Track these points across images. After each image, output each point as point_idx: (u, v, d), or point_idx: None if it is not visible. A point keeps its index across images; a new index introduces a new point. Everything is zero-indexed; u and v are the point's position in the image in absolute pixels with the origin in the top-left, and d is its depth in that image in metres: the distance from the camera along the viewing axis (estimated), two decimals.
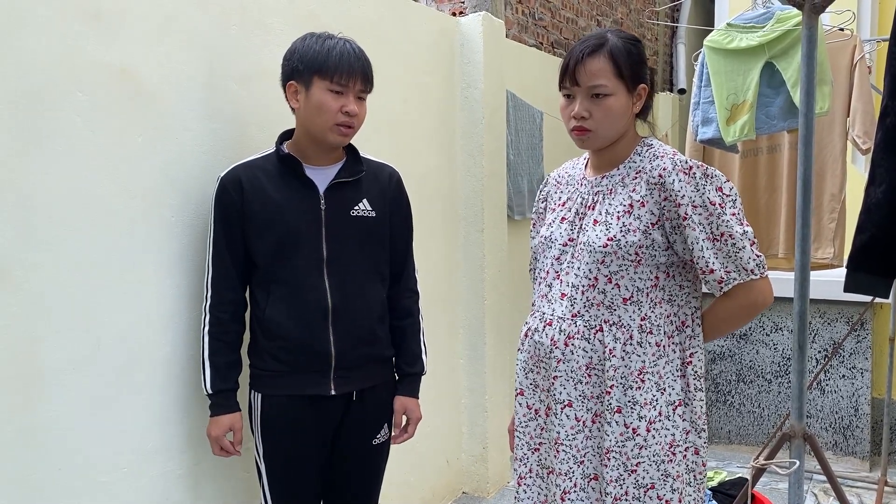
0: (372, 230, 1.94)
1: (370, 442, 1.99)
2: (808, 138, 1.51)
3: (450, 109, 3.27)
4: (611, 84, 1.61)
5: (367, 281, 1.94)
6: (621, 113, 1.63)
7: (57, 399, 1.64)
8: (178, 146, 1.91)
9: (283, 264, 1.85)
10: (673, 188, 1.59)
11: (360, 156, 1.97)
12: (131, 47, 1.79)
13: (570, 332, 1.67)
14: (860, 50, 2.97)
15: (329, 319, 1.86)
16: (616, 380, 1.62)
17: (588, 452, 1.67)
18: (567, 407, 1.68)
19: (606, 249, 1.62)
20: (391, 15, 2.86)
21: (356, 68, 1.81)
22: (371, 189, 1.96)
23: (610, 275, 1.63)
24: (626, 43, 1.63)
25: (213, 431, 1.88)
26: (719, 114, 2.91)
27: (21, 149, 1.56)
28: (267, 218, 1.84)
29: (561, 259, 1.72)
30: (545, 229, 1.78)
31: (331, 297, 1.86)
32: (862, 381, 3.73)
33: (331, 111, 1.81)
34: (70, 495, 1.68)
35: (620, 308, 1.64)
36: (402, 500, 2.94)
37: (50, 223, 1.62)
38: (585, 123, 1.63)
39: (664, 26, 7.02)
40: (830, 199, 3.11)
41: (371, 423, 1.99)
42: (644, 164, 1.66)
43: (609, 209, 1.65)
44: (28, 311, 1.59)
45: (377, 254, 1.97)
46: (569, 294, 1.68)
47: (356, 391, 1.93)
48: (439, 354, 3.19)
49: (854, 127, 2.97)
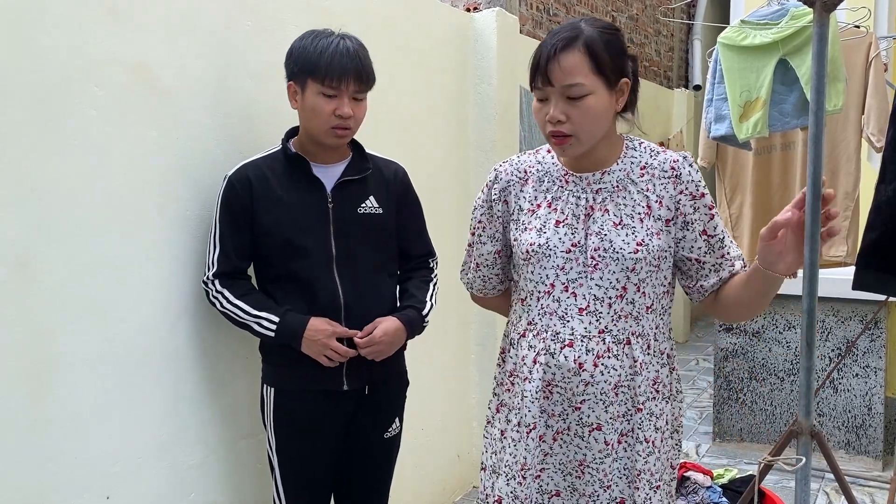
0: (379, 227, 1.94)
1: (382, 435, 2.00)
2: (818, 136, 1.51)
3: (463, 105, 3.28)
4: (589, 81, 1.42)
5: (377, 277, 1.95)
6: (603, 114, 1.46)
7: (71, 390, 1.67)
8: (192, 141, 1.94)
9: (293, 263, 1.86)
10: (690, 178, 1.51)
11: (366, 153, 1.98)
12: (147, 43, 1.82)
13: (598, 350, 1.50)
14: (875, 47, 2.96)
15: (341, 316, 1.87)
16: (647, 395, 1.53)
17: (615, 475, 1.54)
18: (596, 430, 1.53)
19: (637, 256, 1.48)
20: (405, 10, 2.87)
21: (349, 69, 1.78)
22: (377, 186, 1.96)
23: (639, 283, 1.50)
24: (603, 33, 1.45)
25: (325, 330, 1.81)
26: (732, 111, 2.90)
27: (38, 143, 1.59)
28: (276, 217, 1.85)
29: (567, 269, 1.52)
30: (533, 235, 1.55)
31: (342, 293, 1.87)
32: (875, 379, 3.71)
33: (324, 114, 1.80)
34: (84, 485, 1.71)
35: (645, 318, 1.52)
36: (414, 493, 2.97)
37: (66, 216, 1.65)
38: (563, 128, 1.45)
39: (680, 22, 6.98)
40: (844, 197, 3.10)
41: (383, 416, 2.00)
42: (646, 158, 1.54)
43: (626, 210, 1.51)
44: (44, 303, 1.61)
45: (385, 250, 1.98)
46: (591, 308, 1.51)
47: (368, 385, 1.95)
48: (450, 349, 3.21)
49: (869, 124, 2.96)
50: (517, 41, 3.49)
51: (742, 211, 3.37)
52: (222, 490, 2.06)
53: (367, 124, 2.65)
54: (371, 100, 1.93)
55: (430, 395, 3.07)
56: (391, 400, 2.02)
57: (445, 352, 3.17)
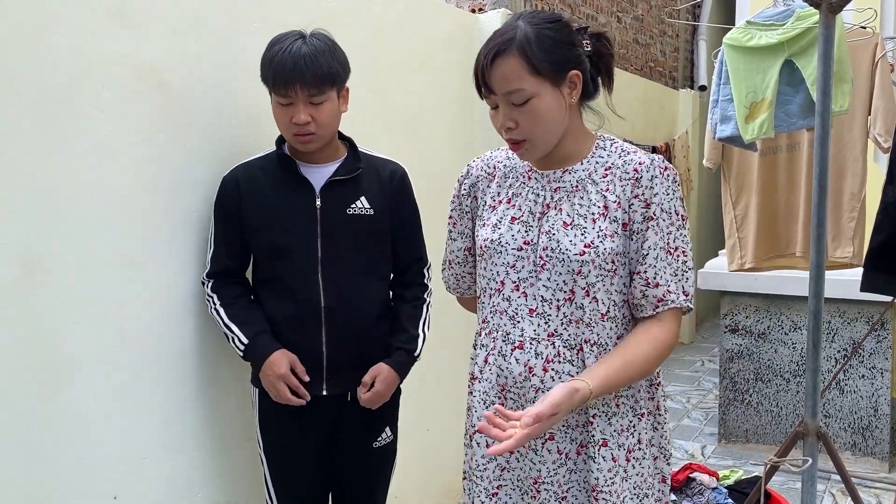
0: (370, 228, 1.89)
1: (370, 444, 1.95)
2: (824, 138, 1.51)
3: (468, 106, 3.29)
4: (528, 85, 1.36)
5: (364, 280, 1.89)
6: (552, 113, 1.39)
7: (80, 390, 1.68)
8: (198, 142, 1.95)
9: (279, 263, 1.84)
10: (647, 184, 1.41)
11: (361, 152, 1.94)
12: (155, 45, 1.83)
13: (547, 354, 1.43)
14: (882, 48, 2.95)
15: (322, 319, 1.83)
16: (598, 407, 1.44)
17: (572, 488, 1.47)
18: (549, 441, 1.46)
19: (584, 258, 1.40)
20: (411, 12, 2.88)
21: (295, 76, 1.71)
22: (370, 186, 1.90)
23: (587, 287, 1.41)
24: (539, 28, 1.37)
25: (275, 370, 1.78)
26: (738, 112, 2.90)
27: (45, 143, 1.60)
28: (262, 217, 1.84)
29: (517, 267, 1.47)
30: (488, 231, 1.52)
31: (324, 296, 1.83)
32: (882, 381, 3.70)
33: (283, 123, 1.79)
34: (91, 484, 1.71)
35: (599, 325, 1.43)
36: (419, 495, 2.97)
37: (76, 217, 1.66)
38: (514, 134, 1.41)
39: (685, 23, 6.97)
40: (850, 198, 3.09)
41: (368, 424, 1.94)
42: (613, 159, 1.46)
43: (580, 210, 1.44)
44: (51, 303, 1.62)
45: (375, 252, 1.92)
46: (540, 310, 1.45)
47: (350, 392, 1.90)
48: (457, 349, 3.21)
49: (875, 125, 2.95)
50: None
51: (747, 212, 3.36)
52: (229, 490, 2.06)
53: (374, 125, 2.66)
54: (377, 101, 1.93)
55: (436, 396, 3.07)
56: (379, 408, 1.92)
57: (451, 353, 3.18)
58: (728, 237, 3.42)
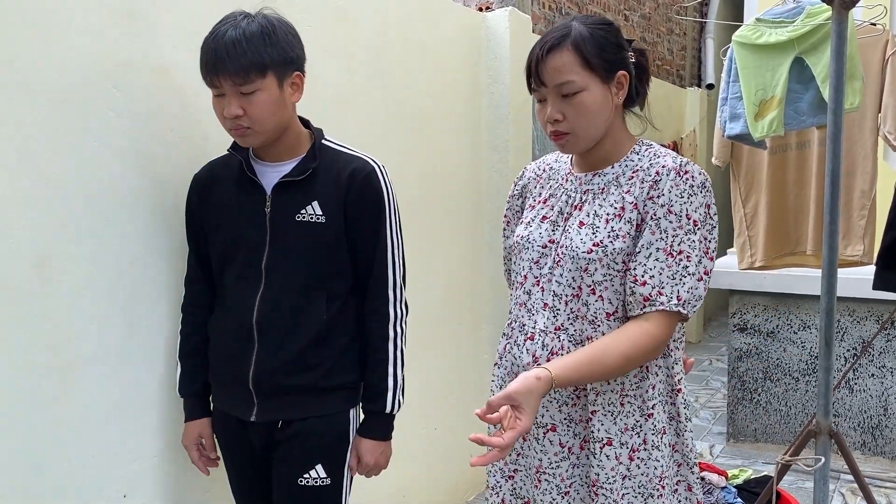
0: (319, 238, 1.64)
1: (296, 481, 1.68)
2: (837, 135, 1.50)
3: (476, 105, 3.28)
4: (580, 78, 1.42)
5: (306, 298, 1.65)
6: (599, 108, 1.45)
7: (90, 389, 1.68)
8: (210, 143, 1.94)
9: (228, 271, 1.70)
10: (660, 185, 1.43)
11: (327, 147, 1.71)
12: (167, 46, 1.83)
13: (553, 347, 1.47)
14: (892, 45, 2.93)
15: (254, 339, 1.65)
16: (599, 405, 1.46)
17: (574, 482, 1.49)
18: (550, 431, 1.50)
19: (591, 256, 1.44)
20: (419, 10, 2.87)
21: (217, 64, 1.52)
22: (325, 189, 1.65)
23: (594, 285, 1.44)
24: (593, 28, 1.45)
25: (185, 439, 1.80)
26: (747, 109, 2.88)
27: (58, 144, 1.60)
28: (216, 222, 1.71)
29: (540, 263, 1.53)
30: (523, 228, 1.59)
31: (257, 313, 1.64)
32: (891, 380, 3.68)
33: (219, 117, 1.61)
34: (101, 483, 1.72)
35: (604, 324, 1.45)
36: (427, 493, 2.97)
37: (87, 216, 1.66)
38: (560, 126, 1.45)
39: (693, 21, 6.95)
40: (860, 196, 3.07)
41: (298, 459, 1.68)
42: (643, 162, 1.48)
43: (598, 210, 1.47)
44: (65, 302, 1.63)
45: (325, 266, 1.67)
46: (551, 304, 1.49)
47: (283, 421, 1.69)
48: (463, 350, 3.21)
49: (885, 123, 2.93)
50: (530, 40, 3.48)
51: (757, 210, 3.35)
52: None
53: (379, 124, 2.66)
54: (384, 99, 1.91)
55: (443, 395, 3.07)
56: (313, 443, 1.68)
57: (458, 352, 3.18)
58: (737, 235, 3.41)
